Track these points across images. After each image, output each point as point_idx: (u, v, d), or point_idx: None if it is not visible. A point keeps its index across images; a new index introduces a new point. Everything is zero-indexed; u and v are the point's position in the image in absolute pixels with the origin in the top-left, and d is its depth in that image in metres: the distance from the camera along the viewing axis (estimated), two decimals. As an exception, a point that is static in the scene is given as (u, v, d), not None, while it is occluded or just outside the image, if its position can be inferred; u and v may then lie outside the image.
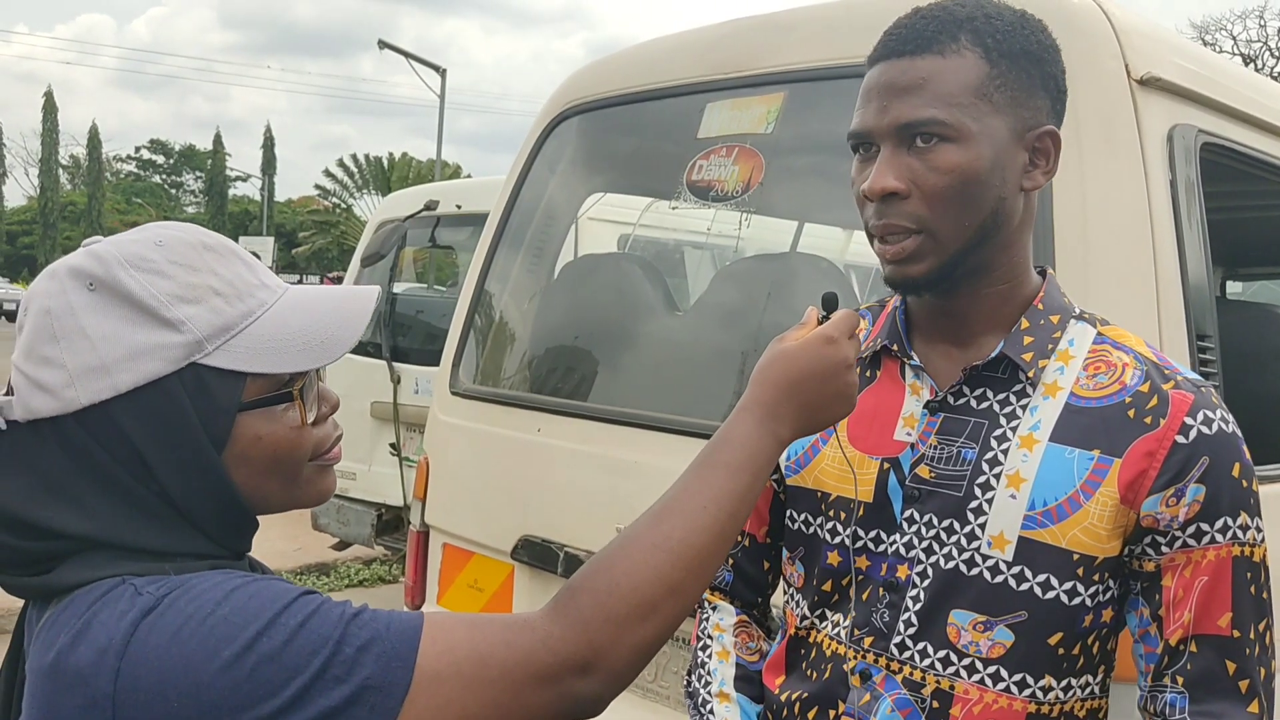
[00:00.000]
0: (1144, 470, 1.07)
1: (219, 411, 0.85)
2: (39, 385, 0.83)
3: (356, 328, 0.93)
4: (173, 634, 0.77)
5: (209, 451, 0.85)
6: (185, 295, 0.85)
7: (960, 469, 1.13)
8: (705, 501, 0.92)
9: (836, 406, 1.04)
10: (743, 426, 0.99)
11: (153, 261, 0.86)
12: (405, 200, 5.81)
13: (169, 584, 0.80)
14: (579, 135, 2.67)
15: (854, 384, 1.05)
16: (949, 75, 1.08)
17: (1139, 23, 1.87)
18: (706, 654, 1.34)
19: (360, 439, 5.51)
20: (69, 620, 0.80)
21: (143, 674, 0.76)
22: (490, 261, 2.73)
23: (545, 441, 2.38)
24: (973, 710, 1.11)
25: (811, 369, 1.02)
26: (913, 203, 1.09)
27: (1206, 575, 1.06)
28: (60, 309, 0.84)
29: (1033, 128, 1.11)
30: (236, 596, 0.79)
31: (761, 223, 2.85)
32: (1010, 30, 1.10)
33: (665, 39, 2.53)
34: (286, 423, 0.90)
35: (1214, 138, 1.91)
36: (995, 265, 1.14)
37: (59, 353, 0.83)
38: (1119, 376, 1.11)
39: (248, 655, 0.76)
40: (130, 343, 0.83)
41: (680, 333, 2.49)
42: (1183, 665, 1.07)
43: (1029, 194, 1.13)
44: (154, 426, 0.83)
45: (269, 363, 0.87)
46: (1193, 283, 1.75)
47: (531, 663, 0.84)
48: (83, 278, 0.85)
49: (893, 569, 1.16)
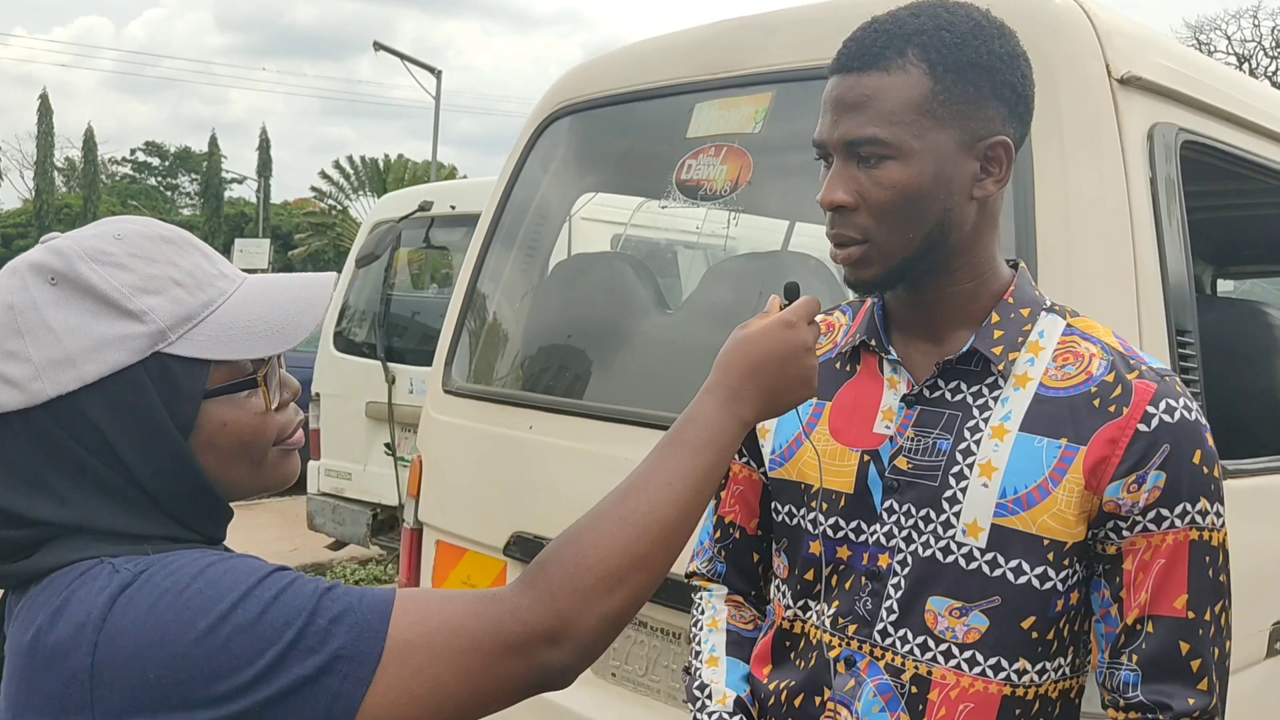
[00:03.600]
0: (1107, 457, 1.10)
1: (184, 399, 0.87)
2: (5, 380, 0.84)
3: (315, 314, 0.95)
4: (149, 607, 0.79)
5: (176, 439, 0.87)
6: (146, 286, 0.87)
7: (936, 460, 1.16)
8: (670, 478, 0.95)
9: (798, 389, 1.07)
10: (706, 407, 1.02)
11: (112, 255, 0.87)
12: (400, 201, 5.83)
13: (146, 561, 0.82)
14: (570, 135, 2.70)
15: (813, 367, 1.08)
16: (892, 93, 1.11)
17: (1121, 23, 1.90)
18: (699, 628, 1.38)
19: (355, 439, 5.54)
20: (47, 599, 0.82)
21: (120, 646, 0.78)
22: (482, 261, 2.75)
23: (537, 439, 2.40)
24: (949, 695, 1.14)
25: (771, 352, 1.05)
26: (860, 215, 1.13)
27: (1164, 559, 1.09)
28: (23, 304, 0.85)
29: (983, 138, 1.13)
30: (212, 571, 0.81)
31: (752, 221, 2.88)
32: (960, 42, 1.11)
33: (654, 40, 2.56)
34: (251, 409, 0.92)
35: (1195, 136, 1.94)
36: (954, 267, 1.17)
37: (23, 346, 0.84)
38: (1086, 367, 1.14)
39: (223, 626, 0.78)
40: (94, 334, 0.85)
41: (670, 331, 2.51)
42: (1138, 644, 1.10)
43: (983, 201, 1.15)
44: (122, 416, 0.85)
45: (231, 350, 0.90)
46: (1172, 278, 1.78)
47: (501, 633, 0.86)
48: (44, 273, 0.86)
49: (874, 558, 1.19)
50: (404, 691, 0.82)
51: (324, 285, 0.97)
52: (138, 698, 0.77)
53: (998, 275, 1.20)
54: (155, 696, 0.77)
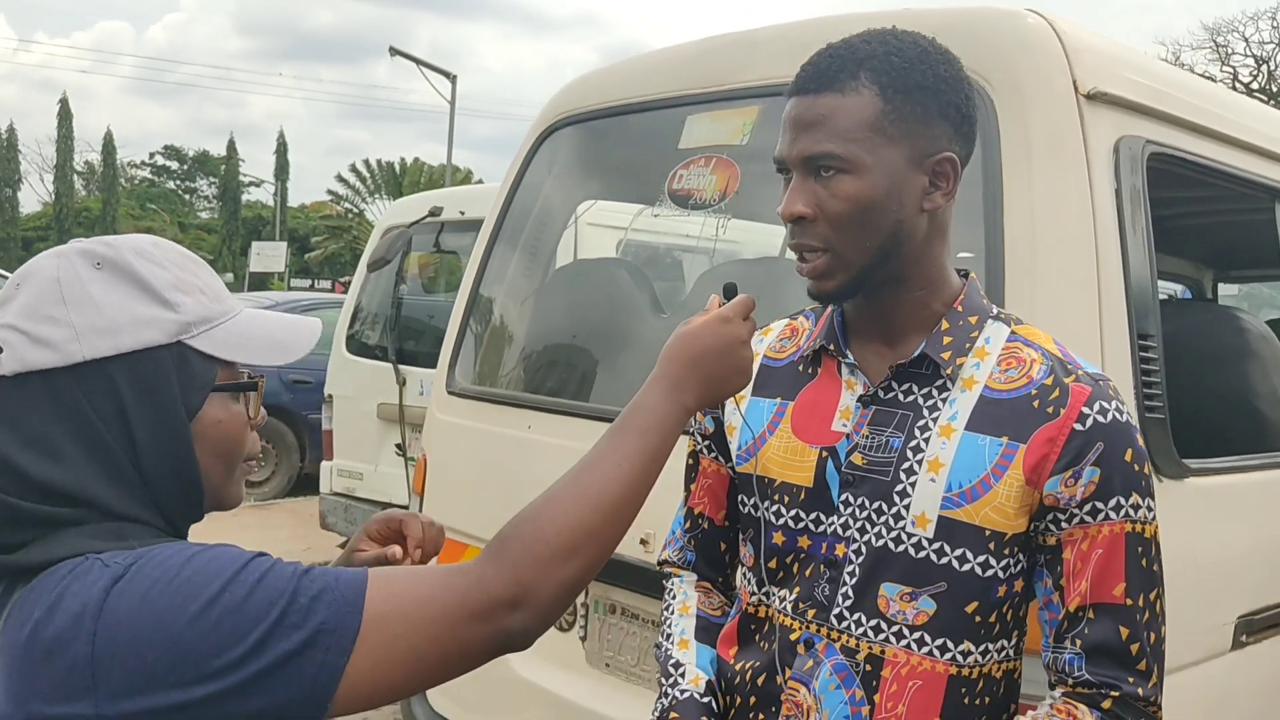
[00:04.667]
0: (1046, 455, 1.19)
1: (195, 387, 0.99)
2: (39, 340, 0.94)
3: (309, 341, 1.08)
4: (142, 596, 0.87)
5: (182, 419, 0.98)
6: (178, 285, 1.00)
7: (888, 456, 1.25)
8: (620, 459, 1.06)
9: (735, 379, 1.18)
10: (652, 396, 1.13)
11: (154, 255, 1.01)
12: (410, 206, 5.95)
13: (133, 555, 0.91)
14: (569, 145, 2.80)
15: (748, 359, 1.19)
16: (846, 112, 1.20)
17: (1091, 40, 1.98)
18: (670, 612, 1.48)
19: (367, 440, 5.64)
20: (40, 597, 0.89)
21: (118, 634, 0.86)
22: (485, 265, 2.85)
23: (535, 438, 2.50)
24: (900, 672, 1.23)
25: (710, 345, 1.16)
26: (819, 225, 1.23)
27: (1101, 549, 1.18)
28: (69, 279, 0.96)
29: (931, 154, 1.22)
30: (198, 560, 0.90)
31: (748, 228, 2.97)
32: (908, 67, 1.21)
33: (649, 55, 2.66)
34: (239, 416, 1.04)
35: (1162, 147, 2.02)
36: (907, 276, 1.26)
37: (66, 313, 0.95)
38: (1027, 371, 1.23)
39: (212, 608, 0.87)
40: (134, 312, 0.96)
41: (663, 334, 2.60)
42: (1080, 629, 1.19)
43: (933, 213, 1.24)
44: (141, 387, 0.96)
45: (240, 354, 1.02)
46: (1135, 284, 1.86)
47: (468, 601, 0.95)
48: (91, 257, 0.98)
49: (831, 547, 1.28)
50: (382, 659, 0.91)
51: (313, 326, 1.10)
52: (138, 679, 0.86)
53: (948, 284, 1.29)
54: (154, 677, 0.86)
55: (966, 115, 1.25)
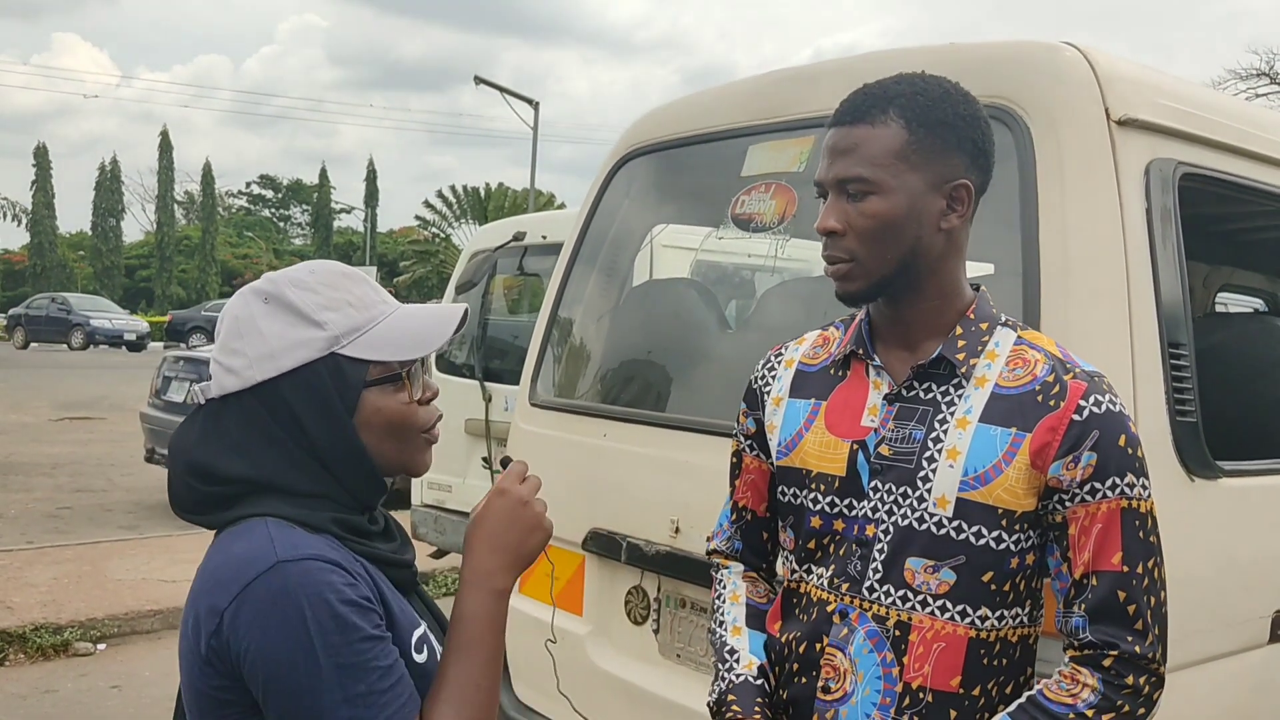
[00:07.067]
0: (1049, 442, 1.35)
1: (350, 388, 1.21)
2: (229, 369, 1.20)
3: (447, 331, 1.28)
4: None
5: (343, 416, 1.20)
6: (328, 305, 1.21)
7: (911, 447, 1.42)
8: (477, 681, 1.19)
9: (532, 536, 1.27)
10: (470, 604, 1.23)
11: (307, 282, 1.22)
12: (495, 232, 6.23)
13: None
14: (642, 173, 3.01)
15: (538, 514, 1.28)
16: (876, 142, 1.39)
17: (1124, 68, 2.12)
18: (721, 600, 1.67)
19: (455, 454, 5.89)
20: (227, 538, 1.16)
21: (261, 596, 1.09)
22: (565, 286, 3.07)
23: (610, 445, 2.70)
24: (926, 636, 1.40)
25: (497, 520, 1.26)
26: (848, 239, 1.42)
27: (1101, 523, 1.34)
28: (244, 316, 1.21)
29: (949, 180, 1.41)
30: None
31: (807, 247, 3.13)
32: (931, 105, 1.40)
33: (713, 90, 2.86)
34: (398, 399, 1.24)
35: (1194, 168, 2.14)
36: (924, 286, 1.44)
37: (242, 345, 1.20)
38: (1032, 370, 1.40)
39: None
40: (290, 337, 1.19)
41: (729, 348, 2.79)
42: (1085, 595, 1.34)
43: (949, 232, 1.42)
44: (306, 396, 1.19)
45: (385, 353, 1.22)
46: (1166, 296, 1.99)
47: None
48: (260, 294, 1.22)
49: (862, 529, 1.45)
50: None
51: (456, 312, 1.30)
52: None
53: (962, 295, 1.47)
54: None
55: (982, 149, 1.43)
